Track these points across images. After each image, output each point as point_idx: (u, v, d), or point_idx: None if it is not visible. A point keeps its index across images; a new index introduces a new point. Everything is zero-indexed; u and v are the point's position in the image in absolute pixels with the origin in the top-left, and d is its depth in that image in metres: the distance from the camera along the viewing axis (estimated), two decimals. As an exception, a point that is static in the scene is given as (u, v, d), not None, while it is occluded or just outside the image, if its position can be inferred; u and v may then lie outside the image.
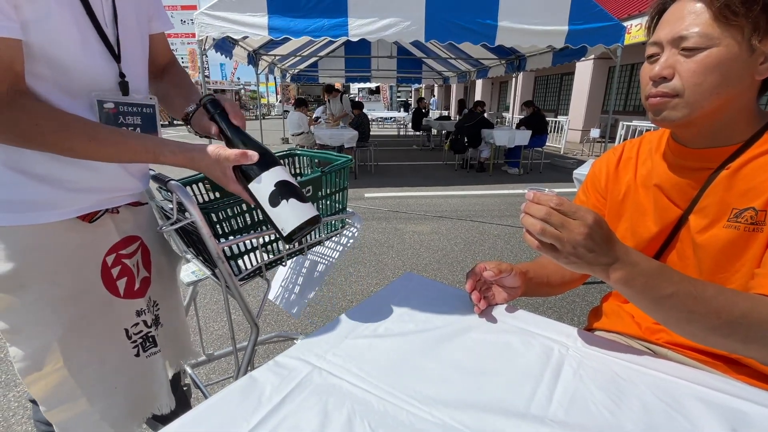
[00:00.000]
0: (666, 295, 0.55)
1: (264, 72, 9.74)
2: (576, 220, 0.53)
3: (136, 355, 0.82)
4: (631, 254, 0.56)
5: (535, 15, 4.77)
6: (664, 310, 0.57)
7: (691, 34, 0.58)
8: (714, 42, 0.58)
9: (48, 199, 0.68)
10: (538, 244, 0.55)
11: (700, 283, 0.56)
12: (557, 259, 0.55)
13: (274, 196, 0.62)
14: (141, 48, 0.79)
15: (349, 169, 1.11)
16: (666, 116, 0.64)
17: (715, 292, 0.55)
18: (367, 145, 6.78)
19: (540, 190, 0.56)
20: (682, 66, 0.60)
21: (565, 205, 0.53)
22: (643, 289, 0.56)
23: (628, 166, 0.80)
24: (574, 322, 2.22)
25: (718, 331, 0.55)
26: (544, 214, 0.53)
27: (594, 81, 10.53)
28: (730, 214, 0.63)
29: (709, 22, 0.58)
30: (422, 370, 0.58)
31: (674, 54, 0.61)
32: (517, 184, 5.98)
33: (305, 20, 4.48)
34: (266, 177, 0.62)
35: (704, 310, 0.54)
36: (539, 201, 0.55)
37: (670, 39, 0.61)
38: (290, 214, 0.62)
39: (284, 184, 0.63)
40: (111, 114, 0.71)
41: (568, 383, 0.55)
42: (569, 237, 0.53)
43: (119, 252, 0.79)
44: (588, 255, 0.53)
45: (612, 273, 0.55)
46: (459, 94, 18.61)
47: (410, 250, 3.28)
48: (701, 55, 0.58)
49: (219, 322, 2.18)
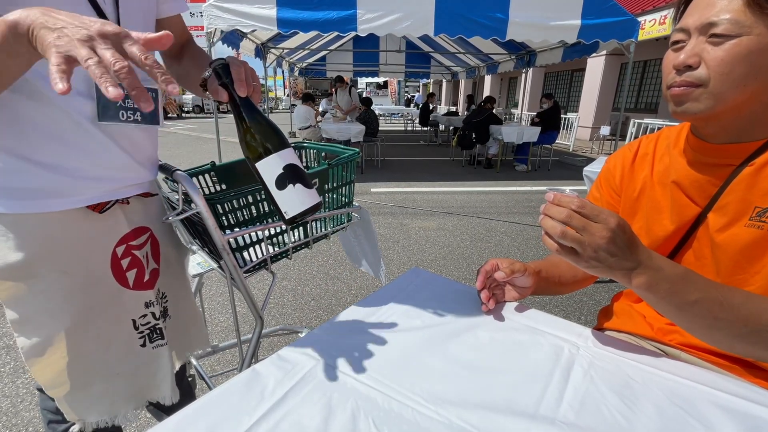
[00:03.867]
0: (691, 301, 0.53)
1: (272, 65, 9.72)
2: (598, 224, 0.51)
3: (142, 345, 0.82)
4: (655, 259, 0.54)
5: (547, 9, 4.68)
6: (688, 317, 0.55)
7: (722, 20, 0.56)
8: (745, 30, 0.55)
9: (56, 187, 0.67)
10: (557, 247, 0.53)
11: (727, 289, 0.54)
12: (577, 263, 0.53)
13: (281, 179, 0.61)
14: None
15: (356, 162, 1.10)
16: (688, 108, 0.61)
17: (743, 299, 0.53)
18: (375, 139, 6.75)
19: (560, 191, 0.55)
20: (709, 54, 0.57)
21: (587, 207, 0.52)
22: (667, 294, 0.54)
23: (644, 163, 0.78)
24: (582, 320, 2.19)
25: (745, 339, 0.53)
26: (564, 217, 0.52)
27: (605, 78, 10.35)
28: (752, 213, 0.61)
29: (741, 9, 0.55)
30: (429, 367, 0.57)
31: (701, 42, 0.58)
32: (525, 181, 5.92)
33: (314, 12, 4.45)
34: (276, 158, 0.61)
35: (731, 317, 0.53)
36: (560, 202, 0.53)
37: (699, 25, 0.58)
38: (296, 199, 0.61)
39: (293, 168, 0.62)
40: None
41: (578, 384, 0.54)
42: (591, 241, 0.51)
43: (129, 243, 0.78)
44: (610, 259, 0.52)
45: (634, 278, 0.53)
46: (467, 90, 18.43)
47: (416, 245, 3.27)
48: (730, 43, 0.56)
49: (224, 314, 2.18)
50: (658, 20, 7.75)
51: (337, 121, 6.88)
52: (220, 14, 4.49)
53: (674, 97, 0.62)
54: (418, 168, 6.91)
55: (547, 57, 7.39)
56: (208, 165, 1.11)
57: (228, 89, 0.63)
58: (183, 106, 19.64)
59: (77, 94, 0.66)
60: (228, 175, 1.14)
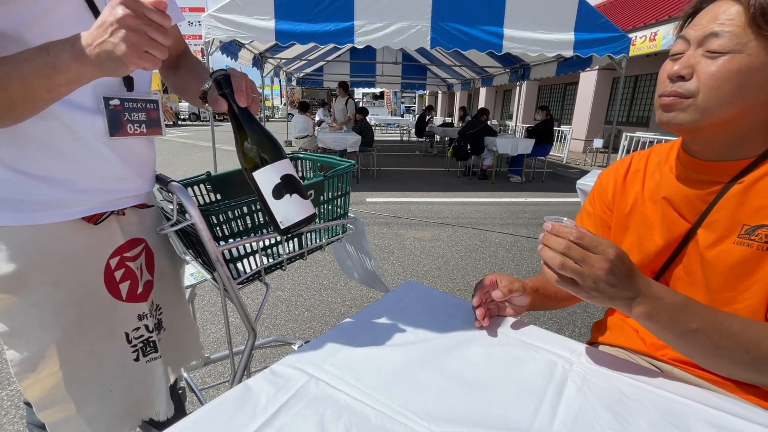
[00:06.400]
0: (692, 329, 0.54)
1: (269, 75, 9.78)
2: (597, 255, 0.52)
3: (135, 359, 0.80)
4: (654, 288, 0.55)
5: (541, 24, 4.78)
6: (690, 345, 0.56)
7: (723, 32, 0.57)
8: (741, 47, 0.56)
9: (52, 199, 0.67)
10: (557, 278, 0.54)
11: (726, 317, 0.55)
12: (578, 293, 0.54)
13: (278, 189, 0.61)
14: None
15: (351, 174, 1.11)
16: (673, 118, 0.62)
17: (742, 326, 0.54)
18: (370, 149, 6.79)
19: (558, 220, 0.55)
20: (703, 67, 0.59)
21: (585, 238, 0.52)
22: (668, 323, 0.54)
23: (635, 179, 0.79)
24: (576, 333, 2.19)
25: (748, 366, 0.54)
26: (564, 248, 0.52)
27: (597, 91, 10.54)
28: (741, 231, 0.62)
29: (741, 26, 0.56)
30: (422, 382, 0.57)
31: (698, 54, 0.60)
32: (519, 193, 5.97)
33: (312, 25, 4.51)
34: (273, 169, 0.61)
35: (732, 344, 0.53)
36: (558, 233, 0.54)
37: (699, 37, 0.60)
38: (292, 210, 0.62)
39: (289, 179, 0.62)
40: (116, 110, 0.70)
41: (571, 401, 0.54)
42: (590, 272, 0.51)
43: (123, 254, 0.77)
44: (610, 290, 0.52)
45: (635, 308, 0.54)
46: (463, 102, 18.66)
47: (411, 256, 3.27)
48: (724, 59, 0.57)
49: (216, 325, 2.16)
50: (648, 37, 7.94)
51: (333, 131, 6.92)
52: (218, 25, 4.53)
53: (663, 105, 0.63)
54: (414, 178, 6.94)
55: (541, 71, 7.52)
56: (204, 175, 1.11)
57: (228, 99, 0.63)
58: (179, 113, 19.66)
59: (85, 110, 0.66)
60: (223, 185, 1.14)
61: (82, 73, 0.53)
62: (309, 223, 0.64)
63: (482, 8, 4.65)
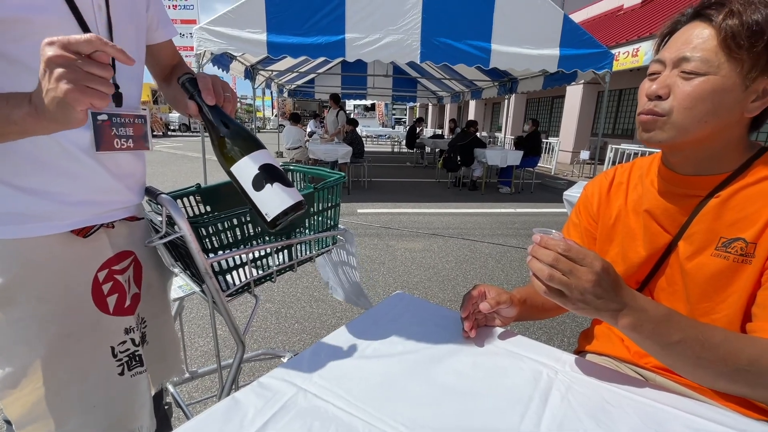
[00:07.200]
0: (674, 341, 0.55)
1: (261, 86, 9.83)
2: (584, 267, 0.53)
3: (120, 374, 0.79)
4: (639, 300, 0.57)
5: (527, 39, 4.92)
6: (672, 356, 0.57)
7: (694, 56, 0.60)
8: (713, 70, 0.59)
9: (40, 212, 0.66)
10: (545, 289, 0.55)
11: (708, 329, 0.57)
12: (565, 304, 0.56)
13: (258, 180, 0.59)
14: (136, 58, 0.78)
15: (341, 186, 1.12)
16: (653, 136, 0.65)
17: (721, 339, 0.55)
18: (361, 160, 6.83)
19: (547, 232, 0.57)
20: (678, 88, 0.61)
21: (573, 250, 0.54)
22: (652, 335, 0.56)
23: (619, 191, 0.81)
24: (564, 343, 2.21)
25: (726, 377, 0.55)
26: (552, 260, 0.54)
27: (584, 104, 10.80)
28: (718, 243, 0.64)
29: (714, 50, 0.59)
30: (410, 393, 0.57)
31: (674, 75, 0.62)
32: (508, 203, 6.04)
33: (304, 38, 4.56)
34: (250, 159, 0.59)
35: (712, 356, 0.55)
36: (546, 245, 0.55)
37: (674, 59, 0.63)
38: (275, 199, 0.59)
39: (269, 168, 0.60)
40: (103, 125, 0.70)
41: (556, 408, 0.54)
42: (577, 284, 0.53)
43: (112, 267, 0.77)
44: (596, 301, 0.54)
45: (620, 319, 0.56)
46: (453, 114, 18.92)
47: (402, 267, 3.27)
48: (698, 80, 0.60)
49: (204, 338, 2.12)
50: (631, 52, 8.20)
51: (324, 142, 6.95)
52: (210, 37, 4.55)
53: (642, 123, 0.67)
54: (405, 189, 6.99)
55: (529, 84, 7.69)
56: (194, 187, 1.11)
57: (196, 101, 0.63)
58: (169, 124, 19.56)
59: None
60: (213, 197, 1.14)
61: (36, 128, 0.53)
62: (298, 211, 0.61)
63: (470, 24, 4.77)
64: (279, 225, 0.61)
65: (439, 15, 4.68)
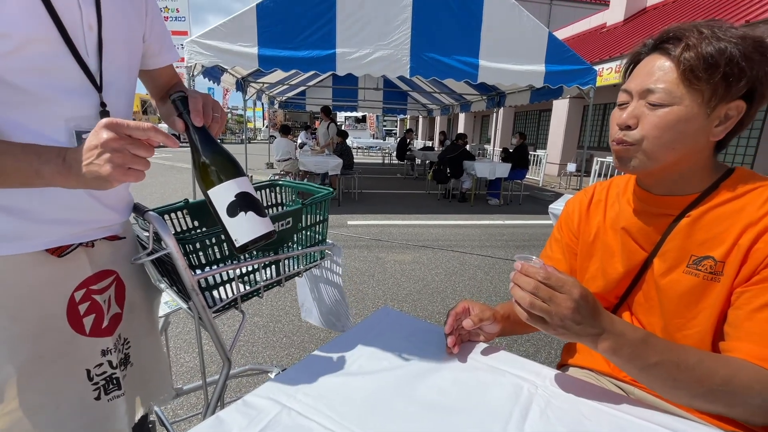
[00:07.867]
0: (651, 363, 0.58)
1: (252, 98, 9.85)
2: (563, 294, 0.56)
3: (96, 398, 0.76)
4: (617, 324, 0.59)
5: (513, 56, 5.06)
6: (650, 378, 0.59)
7: (657, 89, 0.63)
8: (676, 101, 0.62)
9: (12, 230, 0.64)
10: (527, 316, 0.58)
11: (683, 351, 0.59)
12: (546, 330, 0.58)
13: (232, 207, 0.61)
14: (127, 79, 0.78)
15: (329, 201, 1.13)
16: (626, 164, 0.69)
17: (696, 361, 0.58)
18: (351, 172, 6.86)
19: (528, 259, 0.59)
20: (646, 118, 0.65)
21: (552, 279, 0.56)
22: (630, 357, 0.58)
23: (598, 209, 0.84)
24: (552, 355, 2.23)
25: (702, 398, 0.57)
26: (532, 288, 0.56)
27: (570, 118, 11.06)
28: (689, 260, 0.67)
29: (675, 81, 0.62)
30: (394, 409, 0.58)
31: (641, 105, 0.66)
32: (497, 215, 6.10)
33: (295, 52, 4.62)
34: (228, 186, 0.62)
35: (687, 377, 0.57)
36: (527, 273, 0.57)
37: (639, 90, 0.66)
38: (246, 227, 0.61)
39: (244, 196, 0.62)
40: None
41: (535, 423, 0.56)
42: (557, 311, 0.55)
43: (90, 287, 0.74)
44: (576, 327, 0.56)
45: (600, 343, 0.58)
46: (443, 126, 19.17)
47: (391, 279, 3.27)
48: (663, 111, 0.63)
49: (190, 353, 2.09)
50: (614, 68, 8.45)
51: (315, 154, 6.97)
52: (201, 50, 4.58)
53: (615, 152, 0.70)
54: (395, 201, 7.02)
55: (516, 98, 7.87)
56: (182, 202, 1.11)
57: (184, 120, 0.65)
58: (158, 134, 19.34)
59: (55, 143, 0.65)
60: (201, 212, 1.14)
61: (63, 184, 0.56)
62: (267, 240, 0.64)
63: (459, 40, 4.90)
64: (248, 250, 0.63)
65: (429, 31, 4.79)
